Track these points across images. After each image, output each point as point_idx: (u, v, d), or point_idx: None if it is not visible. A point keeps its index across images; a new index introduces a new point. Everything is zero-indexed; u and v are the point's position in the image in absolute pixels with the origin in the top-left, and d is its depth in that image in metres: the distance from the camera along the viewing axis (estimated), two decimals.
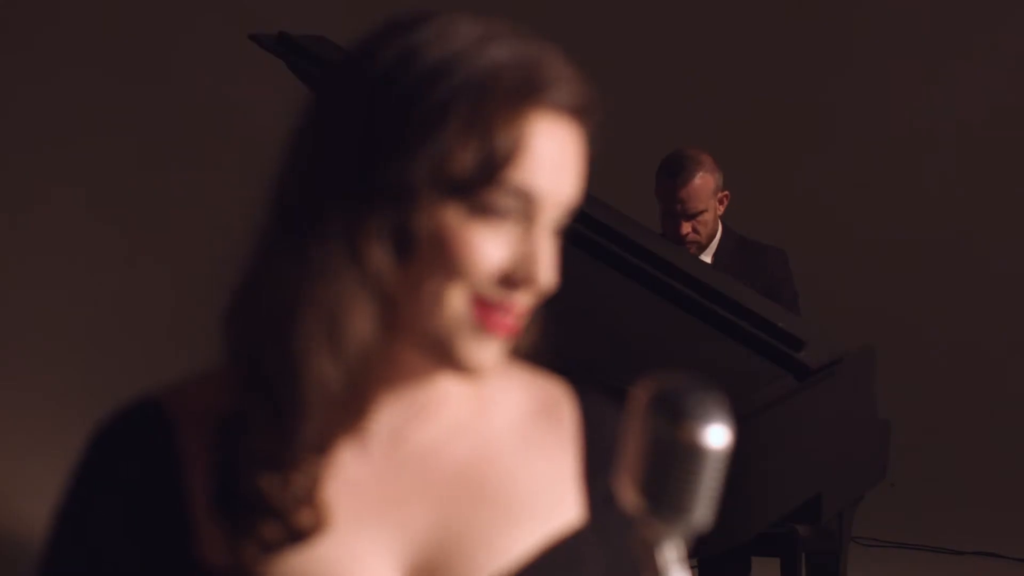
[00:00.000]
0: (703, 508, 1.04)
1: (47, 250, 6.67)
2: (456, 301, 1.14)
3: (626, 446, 1.07)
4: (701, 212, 4.29)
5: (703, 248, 4.36)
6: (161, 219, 6.73)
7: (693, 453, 1.03)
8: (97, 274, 6.67)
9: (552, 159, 1.14)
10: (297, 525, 1.15)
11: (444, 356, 1.16)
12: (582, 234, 3.59)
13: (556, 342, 1.26)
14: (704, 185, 4.28)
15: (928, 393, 6.51)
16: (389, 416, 1.20)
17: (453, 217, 1.13)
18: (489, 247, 1.13)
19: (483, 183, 1.12)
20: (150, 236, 6.73)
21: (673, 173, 4.29)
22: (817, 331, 3.73)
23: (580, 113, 1.16)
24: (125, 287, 6.68)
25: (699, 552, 3.60)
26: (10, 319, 6.56)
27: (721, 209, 4.39)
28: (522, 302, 1.16)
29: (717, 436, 1.03)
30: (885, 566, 5.51)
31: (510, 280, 1.14)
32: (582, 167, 1.17)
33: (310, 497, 1.15)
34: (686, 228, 4.29)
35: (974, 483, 6.31)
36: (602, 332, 3.59)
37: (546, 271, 1.15)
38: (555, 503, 1.24)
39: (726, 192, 4.39)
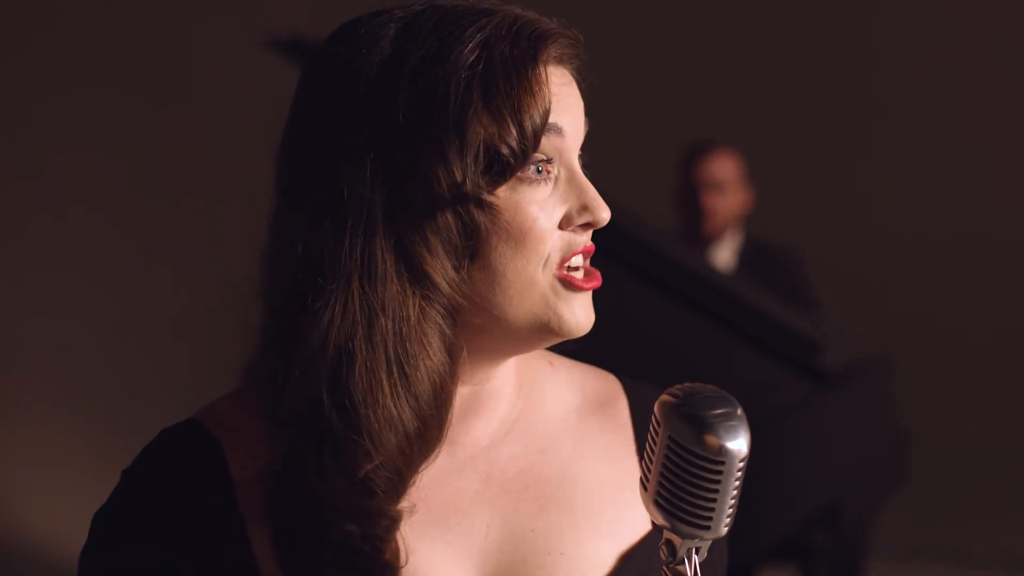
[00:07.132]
0: (722, 516, 1.05)
1: (51, 258, 6.68)
2: (543, 276, 1.14)
3: (647, 455, 1.07)
4: (725, 185, 4.34)
5: (724, 229, 4.35)
6: (167, 225, 6.73)
7: (712, 462, 1.04)
8: (100, 281, 6.68)
9: (567, 102, 1.16)
10: (380, 564, 1.11)
11: (544, 331, 1.15)
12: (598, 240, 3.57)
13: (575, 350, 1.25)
14: (731, 161, 4.37)
15: (947, 398, 6.49)
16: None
17: (504, 197, 1.13)
18: (548, 209, 1.14)
19: (531, 152, 1.13)
20: (154, 242, 6.74)
21: (700, 147, 4.40)
22: (834, 337, 3.71)
23: (570, 59, 1.18)
24: (128, 294, 6.68)
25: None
26: (11, 322, 6.57)
27: (746, 204, 4.42)
28: (588, 242, 1.18)
29: (736, 446, 1.04)
30: (903, 574, 5.49)
31: (574, 226, 1.16)
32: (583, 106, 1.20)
33: (391, 536, 1.12)
34: (711, 201, 4.32)
35: (989, 487, 6.29)
36: (619, 339, 3.57)
37: (601, 205, 1.17)
38: (618, 501, 1.23)
39: (752, 194, 4.43)
